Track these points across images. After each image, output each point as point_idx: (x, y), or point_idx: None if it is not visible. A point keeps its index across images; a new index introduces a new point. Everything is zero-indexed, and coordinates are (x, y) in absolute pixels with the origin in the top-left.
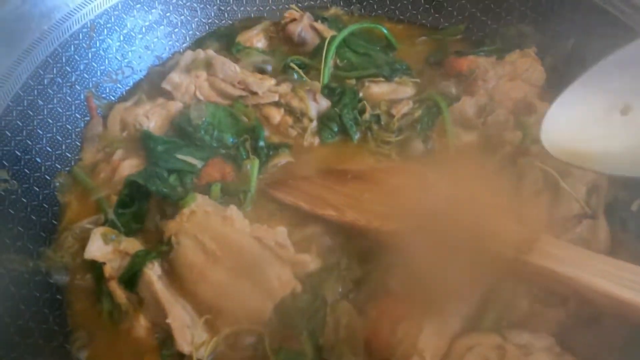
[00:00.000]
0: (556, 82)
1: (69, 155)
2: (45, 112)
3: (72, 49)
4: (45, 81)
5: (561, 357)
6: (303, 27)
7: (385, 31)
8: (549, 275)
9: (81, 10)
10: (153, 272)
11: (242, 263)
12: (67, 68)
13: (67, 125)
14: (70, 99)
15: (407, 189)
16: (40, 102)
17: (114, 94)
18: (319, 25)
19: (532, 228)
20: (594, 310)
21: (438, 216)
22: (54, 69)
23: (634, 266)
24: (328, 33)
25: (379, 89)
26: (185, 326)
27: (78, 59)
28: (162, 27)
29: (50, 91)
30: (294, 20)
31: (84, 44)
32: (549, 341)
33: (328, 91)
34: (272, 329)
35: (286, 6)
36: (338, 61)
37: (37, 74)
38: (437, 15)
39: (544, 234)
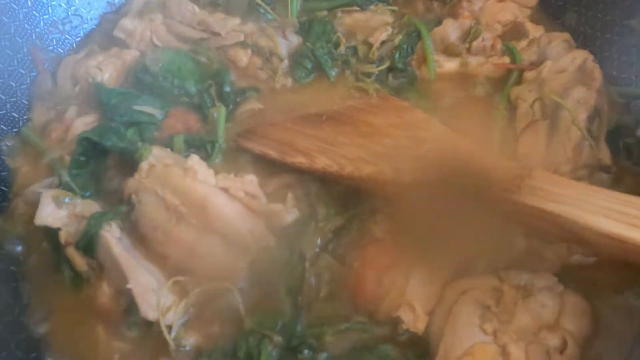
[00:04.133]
0: (549, 2)
1: (16, 115)
2: None
3: None
4: None
5: (564, 296)
6: None
7: None
8: (542, 215)
9: None
10: (110, 234)
11: (209, 218)
12: (3, 18)
13: (10, 82)
14: (10, 52)
15: (385, 129)
16: None
17: (62, 46)
18: None
19: (524, 163)
20: None
21: (419, 156)
22: None
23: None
24: None
25: (352, 20)
26: (150, 290)
27: (15, 7)
28: None
29: None
30: None
31: None
32: (551, 280)
33: (297, 27)
34: (246, 288)
35: None
36: None
37: None
38: None
39: (536, 169)
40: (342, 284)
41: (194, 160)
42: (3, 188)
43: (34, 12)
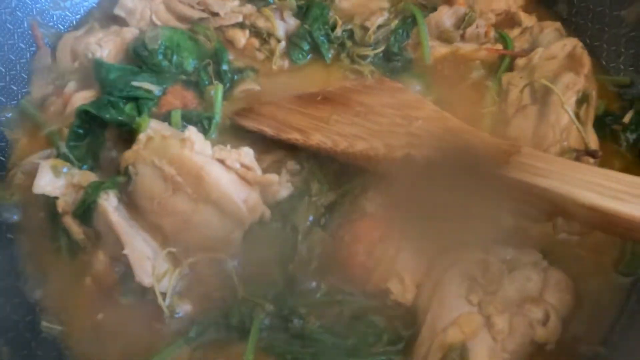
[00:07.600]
0: None
1: (15, 87)
2: None
3: None
4: None
5: (548, 271)
6: None
7: None
8: (530, 190)
9: None
10: (108, 203)
11: (205, 188)
12: None
13: (10, 55)
14: (11, 27)
15: (379, 108)
16: None
17: (62, 22)
18: None
19: (513, 141)
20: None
21: (411, 132)
22: None
23: (621, 174)
24: None
25: (350, 4)
26: (145, 257)
27: None
28: None
29: None
30: None
31: None
32: (536, 256)
33: (295, 10)
34: (240, 259)
35: None
36: None
37: None
38: None
39: (524, 146)
40: (334, 257)
41: (192, 131)
42: (1, 158)
43: None
